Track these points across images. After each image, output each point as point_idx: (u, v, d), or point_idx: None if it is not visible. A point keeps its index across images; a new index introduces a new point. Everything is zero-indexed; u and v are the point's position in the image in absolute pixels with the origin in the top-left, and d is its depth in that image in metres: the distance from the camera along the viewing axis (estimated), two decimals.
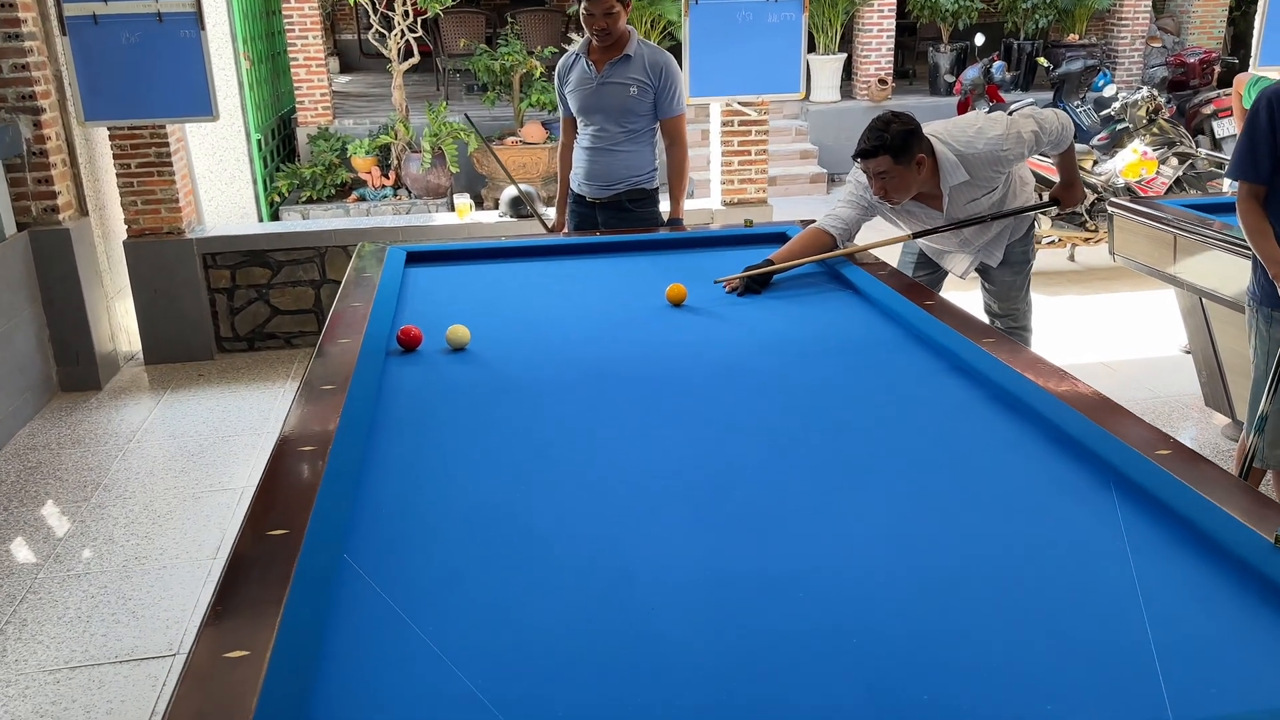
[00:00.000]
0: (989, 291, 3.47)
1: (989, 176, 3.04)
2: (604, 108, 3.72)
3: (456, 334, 2.43)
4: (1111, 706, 1.18)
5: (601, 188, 3.83)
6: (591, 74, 3.72)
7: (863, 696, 1.21)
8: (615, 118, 3.73)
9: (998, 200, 3.15)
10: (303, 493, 1.67)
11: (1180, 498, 1.59)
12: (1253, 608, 1.36)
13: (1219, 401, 3.87)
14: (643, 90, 3.69)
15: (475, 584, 1.48)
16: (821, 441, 1.93)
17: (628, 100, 3.69)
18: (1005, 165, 3.03)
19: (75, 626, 2.88)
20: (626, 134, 3.75)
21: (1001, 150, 2.98)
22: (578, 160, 3.89)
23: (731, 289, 2.88)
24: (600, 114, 3.74)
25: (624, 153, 3.78)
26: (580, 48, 3.78)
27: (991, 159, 2.98)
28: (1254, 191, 2.63)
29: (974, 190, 3.07)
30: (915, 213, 3.17)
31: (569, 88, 3.81)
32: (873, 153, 2.90)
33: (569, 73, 3.82)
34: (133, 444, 4.14)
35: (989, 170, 3.02)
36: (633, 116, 3.73)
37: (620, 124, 3.73)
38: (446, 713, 1.20)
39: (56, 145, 4.69)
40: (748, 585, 1.45)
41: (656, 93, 3.71)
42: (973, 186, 3.05)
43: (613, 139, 3.76)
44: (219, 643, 1.28)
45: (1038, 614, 1.36)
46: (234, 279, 5.15)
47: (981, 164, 2.99)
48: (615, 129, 3.74)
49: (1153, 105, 6.40)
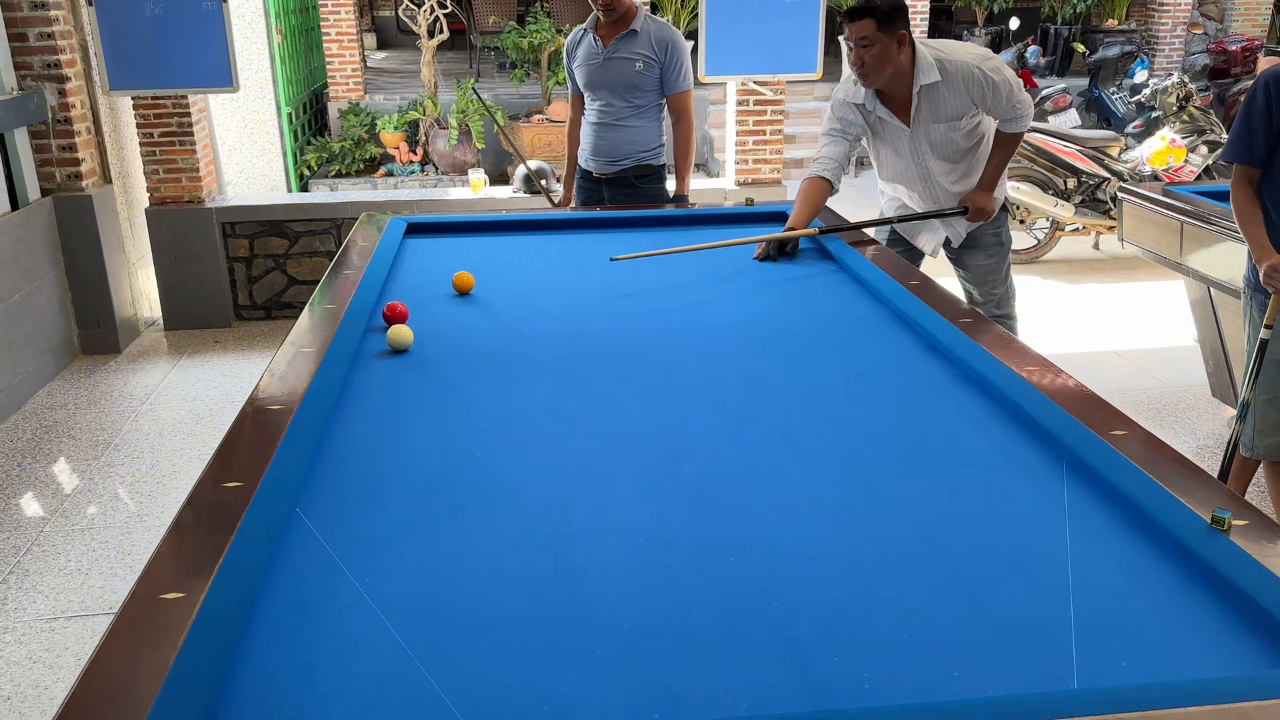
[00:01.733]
0: (966, 278, 3.52)
1: (960, 97, 3.07)
2: (610, 83, 3.74)
3: (399, 335, 2.26)
4: (1017, 674, 1.19)
5: (608, 163, 3.85)
6: (598, 49, 3.74)
7: (775, 659, 1.23)
8: (621, 93, 3.74)
9: (961, 142, 3.17)
10: (263, 448, 1.71)
11: (1126, 478, 1.59)
12: (1182, 586, 1.37)
13: (1225, 392, 3.83)
14: (649, 65, 3.69)
15: (420, 540, 1.51)
16: (783, 416, 1.94)
17: (633, 75, 3.70)
18: (977, 91, 3.05)
19: (74, 579, 2.98)
20: (633, 109, 3.76)
21: (977, 69, 3.03)
22: (585, 136, 3.91)
23: (762, 256, 2.96)
24: (606, 89, 3.76)
25: (630, 128, 3.79)
26: (589, 23, 3.81)
27: (966, 75, 3.03)
28: (1248, 174, 2.59)
29: (943, 105, 3.09)
30: (886, 132, 3.21)
31: (576, 63, 3.84)
32: (860, 14, 2.95)
33: (577, 48, 3.84)
34: (145, 406, 4.23)
35: (962, 88, 3.05)
36: (639, 92, 3.73)
37: (626, 99, 3.75)
38: (373, 660, 1.24)
39: (81, 113, 4.78)
40: (683, 550, 1.47)
41: (663, 68, 3.72)
42: (943, 100, 3.08)
43: (619, 114, 3.77)
44: (157, 584, 1.32)
45: (963, 586, 1.37)
46: (252, 248, 5.24)
47: (956, 75, 3.04)
48: (621, 104, 3.76)
49: (1183, 92, 6.29)
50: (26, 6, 4.52)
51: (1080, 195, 6.15)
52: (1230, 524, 1.42)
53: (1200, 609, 1.32)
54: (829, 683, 1.18)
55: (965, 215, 3.29)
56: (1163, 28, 10.29)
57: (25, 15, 4.53)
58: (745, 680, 1.19)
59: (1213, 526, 1.42)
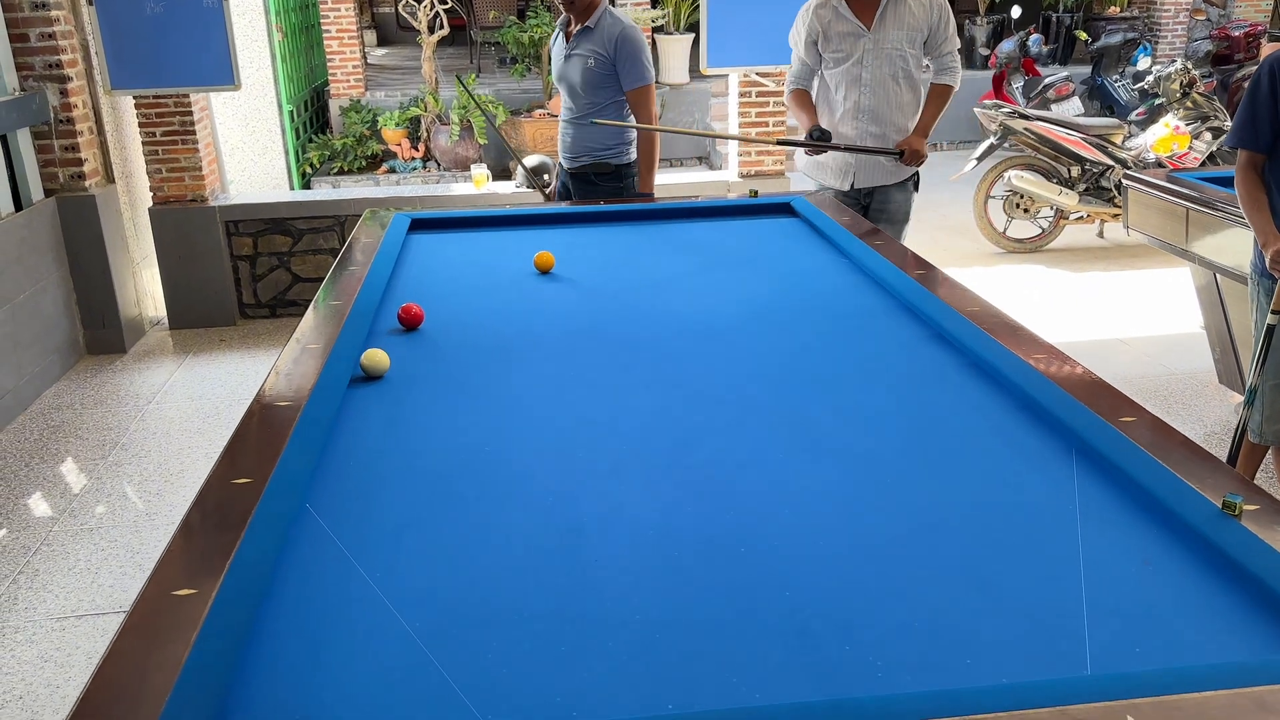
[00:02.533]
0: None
1: (922, 11, 3.41)
2: (569, 79, 3.72)
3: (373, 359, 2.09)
4: (1029, 661, 1.19)
5: (570, 159, 3.86)
6: (563, 46, 3.73)
7: (787, 648, 1.23)
8: (579, 90, 3.71)
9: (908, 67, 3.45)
10: (272, 445, 1.71)
11: (1135, 463, 1.58)
12: (1194, 572, 1.36)
13: (1232, 379, 3.82)
14: (600, 62, 3.62)
15: (430, 534, 1.51)
16: (791, 406, 1.94)
17: (586, 73, 3.65)
18: (936, 13, 3.41)
19: (84, 578, 2.98)
20: (591, 105, 3.71)
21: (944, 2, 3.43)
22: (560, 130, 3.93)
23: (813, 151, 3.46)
24: (566, 85, 3.75)
25: (585, 126, 3.74)
26: (564, 18, 3.78)
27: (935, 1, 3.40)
28: (1253, 160, 2.58)
29: (906, 15, 3.39)
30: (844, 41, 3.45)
31: (553, 59, 3.85)
32: None
33: (554, 44, 3.85)
34: (152, 405, 4.24)
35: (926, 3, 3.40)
36: (594, 90, 3.67)
37: (584, 96, 3.70)
38: (385, 654, 1.24)
39: (83, 113, 4.79)
40: (692, 541, 1.47)
41: (615, 65, 3.63)
42: (908, 11, 3.39)
43: (578, 111, 3.75)
44: (169, 581, 1.33)
45: (974, 573, 1.37)
46: (256, 246, 5.24)
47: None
48: (581, 101, 3.72)
49: (1186, 79, 6.26)
50: (27, 7, 4.52)
51: (1084, 183, 6.14)
52: (1241, 509, 1.41)
53: (1212, 594, 1.31)
54: (841, 671, 1.18)
55: (901, 158, 3.47)
56: (1165, 14, 10.24)
57: (26, 16, 4.53)
58: (757, 669, 1.18)
59: (1224, 512, 1.42)
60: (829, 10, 3.45)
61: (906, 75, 3.46)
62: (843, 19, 3.43)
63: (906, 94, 3.49)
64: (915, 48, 3.43)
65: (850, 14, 3.41)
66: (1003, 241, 6.23)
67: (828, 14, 3.46)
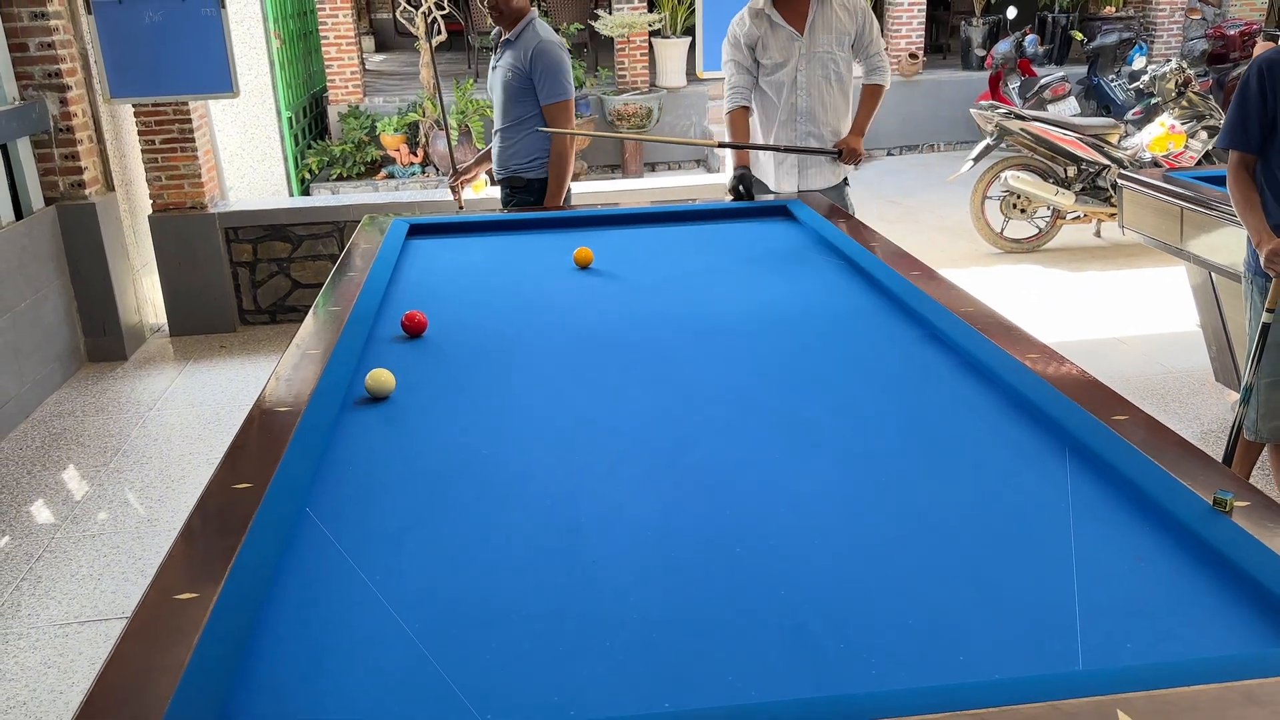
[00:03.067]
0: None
1: (849, 16, 3.57)
2: (494, 90, 3.74)
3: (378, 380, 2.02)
4: (1023, 656, 1.21)
5: (499, 169, 3.85)
6: (495, 57, 3.74)
7: (783, 645, 1.24)
8: (501, 103, 3.71)
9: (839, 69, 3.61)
10: (272, 450, 1.73)
11: (1128, 461, 1.60)
12: (1184, 568, 1.38)
13: (1228, 377, 3.83)
14: (518, 76, 3.61)
15: (430, 536, 1.53)
16: (788, 406, 1.96)
17: (507, 86, 3.65)
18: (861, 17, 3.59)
19: (87, 584, 3.00)
20: (511, 120, 3.71)
21: (866, 6, 3.60)
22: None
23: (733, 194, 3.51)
24: (493, 96, 3.77)
25: (509, 141, 3.74)
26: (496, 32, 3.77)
27: (857, 6, 3.58)
28: (1244, 160, 2.59)
29: (835, 20, 3.55)
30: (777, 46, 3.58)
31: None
32: None
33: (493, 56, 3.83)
34: (153, 412, 4.26)
35: (851, 8, 3.57)
36: (514, 103, 3.66)
37: (505, 109, 3.70)
38: (386, 655, 1.25)
39: (83, 122, 4.81)
40: (690, 540, 1.49)
41: (532, 78, 3.62)
42: (835, 16, 3.55)
43: (501, 123, 3.75)
44: (171, 586, 1.34)
45: (968, 571, 1.39)
46: (255, 253, 5.26)
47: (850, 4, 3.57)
48: (503, 114, 3.72)
49: (1182, 78, 6.28)
50: (27, 17, 4.54)
51: (1081, 183, 6.15)
52: (1232, 505, 1.43)
53: (1203, 590, 1.33)
54: (837, 667, 1.19)
55: (840, 157, 3.62)
56: (1160, 13, 10.27)
57: (25, 25, 4.55)
58: (754, 667, 1.20)
59: (1215, 508, 1.43)
60: (763, 20, 3.59)
61: (838, 77, 3.62)
62: (777, 27, 3.58)
63: (839, 96, 3.65)
64: (844, 50, 3.61)
65: (783, 21, 3.56)
66: (1000, 242, 6.25)
67: (762, 23, 3.60)
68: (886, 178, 8.52)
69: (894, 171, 8.85)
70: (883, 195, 7.84)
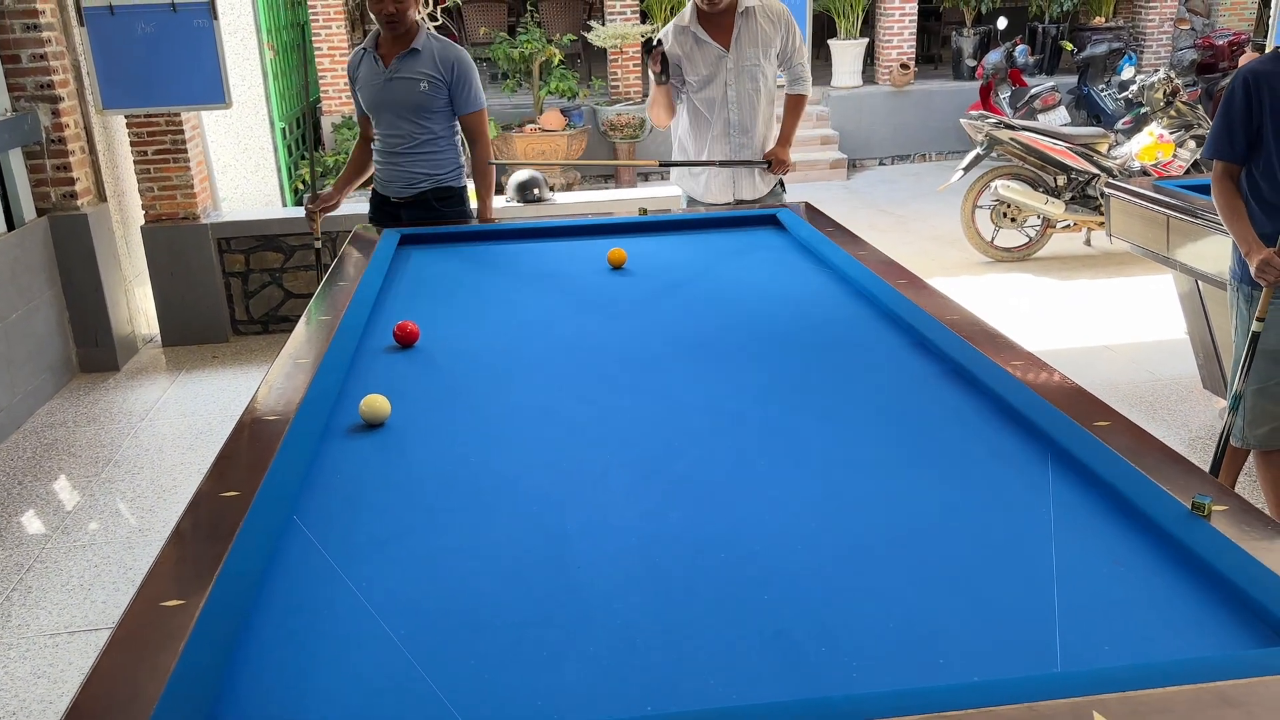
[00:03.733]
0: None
1: (774, 28, 3.63)
2: (394, 105, 3.53)
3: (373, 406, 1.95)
4: (1002, 659, 1.22)
5: (406, 187, 3.65)
6: (379, 69, 3.53)
7: (765, 649, 1.25)
8: (408, 116, 3.54)
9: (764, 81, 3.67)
10: (260, 458, 1.74)
11: (1109, 466, 1.61)
12: (1163, 571, 1.39)
13: (1215, 384, 3.86)
14: (434, 86, 3.50)
15: (414, 543, 1.53)
16: (772, 414, 1.97)
17: (419, 97, 3.50)
18: (784, 28, 3.64)
19: (77, 594, 3.00)
20: (425, 133, 3.57)
21: (786, 11, 3.67)
22: (378, 161, 3.70)
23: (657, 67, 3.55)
24: (390, 112, 3.55)
25: (423, 154, 3.60)
26: (369, 42, 3.59)
27: (779, 11, 3.65)
28: (1229, 170, 2.62)
29: (760, 33, 3.60)
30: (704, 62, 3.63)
31: (359, 85, 3.62)
32: None
33: (358, 69, 3.62)
34: (145, 422, 4.26)
35: (776, 21, 3.63)
36: (427, 114, 3.54)
37: (416, 122, 3.55)
38: (372, 662, 1.26)
39: (75, 133, 4.82)
40: (675, 546, 1.50)
41: (451, 89, 3.54)
42: (760, 30, 3.60)
43: (410, 139, 3.57)
44: (158, 593, 1.35)
45: (950, 575, 1.40)
46: (248, 263, 5.27)
47: (772, 8, 3.63)
48: (411, 127, 3.56)
49: (1170, 88, 6.33)
50: (19, 28, 4.56)
51: (1070, 192, 6.19)
52: (1210, 509, 1.44)
53: (1181, 593, 1.34)
54: (819, 671, 1.20)
55: (769, 167, 3.74)
56: (1150, 24, 10.34)
57: (18, 37, 4.57)
58: (736, 671, 1.21)
59: (1193, 512, 1.45)
60: (688, 36, 3.63)
61: (765, 89, 3.70)
62: (703, 43, 3.62)
63: (767, 107, 3.73)
64: (770, 61, 3.67)
65: (708, 38, 3.61)
66: (990, 250, 6.28)
67: (687, 40, 3.63)
68: (878, 187, 8.56)
69: (885, 181, 8.89)
70: (874, 204, 7.87)
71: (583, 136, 8.62)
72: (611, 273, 2.96)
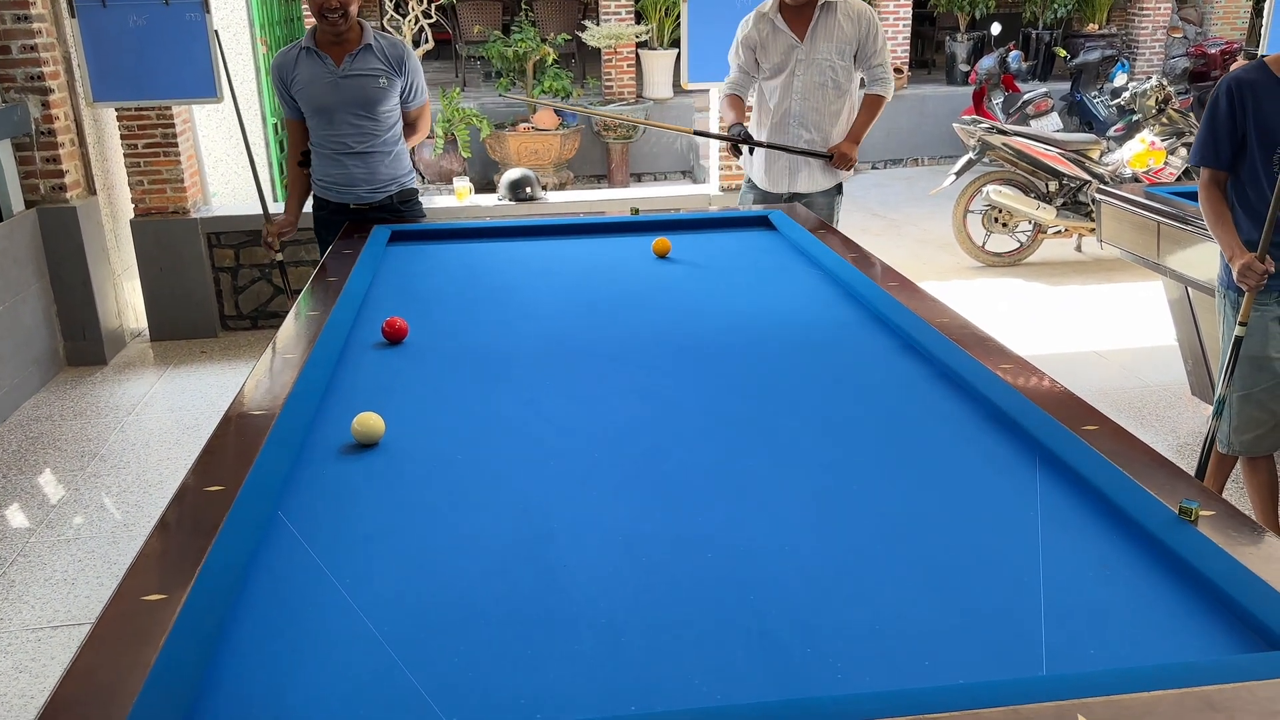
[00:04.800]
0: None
1: (852, 27, 3.62)
2: (349, 103, 3.43)
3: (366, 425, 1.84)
4: (988, 661, 1.22)
5: (369, 191, 3.56)
6: (328, 68, 3.41)
7: (749, 650, 1.25)
8: (364, 113, 3.45)
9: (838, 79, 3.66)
10: (245, 453, 1.73)
11: (1097, 471, 1.61)
12: (1149, 576, 1.39)
13: (1204, 391, 3.87)
14: (390, 81, 3.46)
15: (400, 540, 1.53)
16: (761, 415, 1.97)
17: (376, 92, 3.43)
18: (865, 27, 3.63)
19: (61, 588, 2.98)
20: (385, 130, 3.51)
21: (870, 10, 3.65)
22: (328, 167, 3.55)
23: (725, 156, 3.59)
24: (345, 111, 3.44)
25: (385, 153, 3.54)
26: (307, 41, 3.44)
27: (860, 10, 3.63)
28: (1215, 178, 2.63)
29: (837, 29, 3.61)
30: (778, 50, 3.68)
31: (297, 86, 3.46)
32: None
33: (294, 69, 3.46)
34: (132, 417, 4.23)
35: (855, 19, 3.62)
36: (383, 111, 3.48)
37: (374, 119, 3.47)
38: (354, 659, 1.25)
39: (65, 125, 4.79)
40: (659, 545, 1.49)
41: (403, 82, 3.50)
42: (838, 25, 3.62)
43: (369, 138, 3.48)
44: (140, 586, 1.34)
45: (936, 577, 1.40)
46: (238, 258, 5.24)
47: (852, 7, 3.63)
48: (370, 125, 3.47)
49: (1162, 95, 6.35)
50: (10, 19, 4.53)
51: (1062, 198, 6.20)
52: (1198, 514, 1.44)
53: (1168, 597, 1.34)
54: (803, 672, 1.20)
55: (831, 160, 3.74)
56: (1143, 31, 10.38)
57: (8, 28, 4.54)
58: (720, 671, 1.21)
59: (1180, 517, 1.45)
60: (766, 23, 3.70)
61: (836, 85, 3.68)
62: (779, 31, 3.68)
63: (835, 103, 3.71)
64: (845, 59, 3.66)
65: (785, 26, 3.66)
66: (981, 255, 6.29)
67: (765, 27, 3.71)
68: (871, 191, 8.57)
69: (878, 185, 8.90)
70: (866, 208, 7.88)
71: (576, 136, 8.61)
72: (603, 272, 2.96)
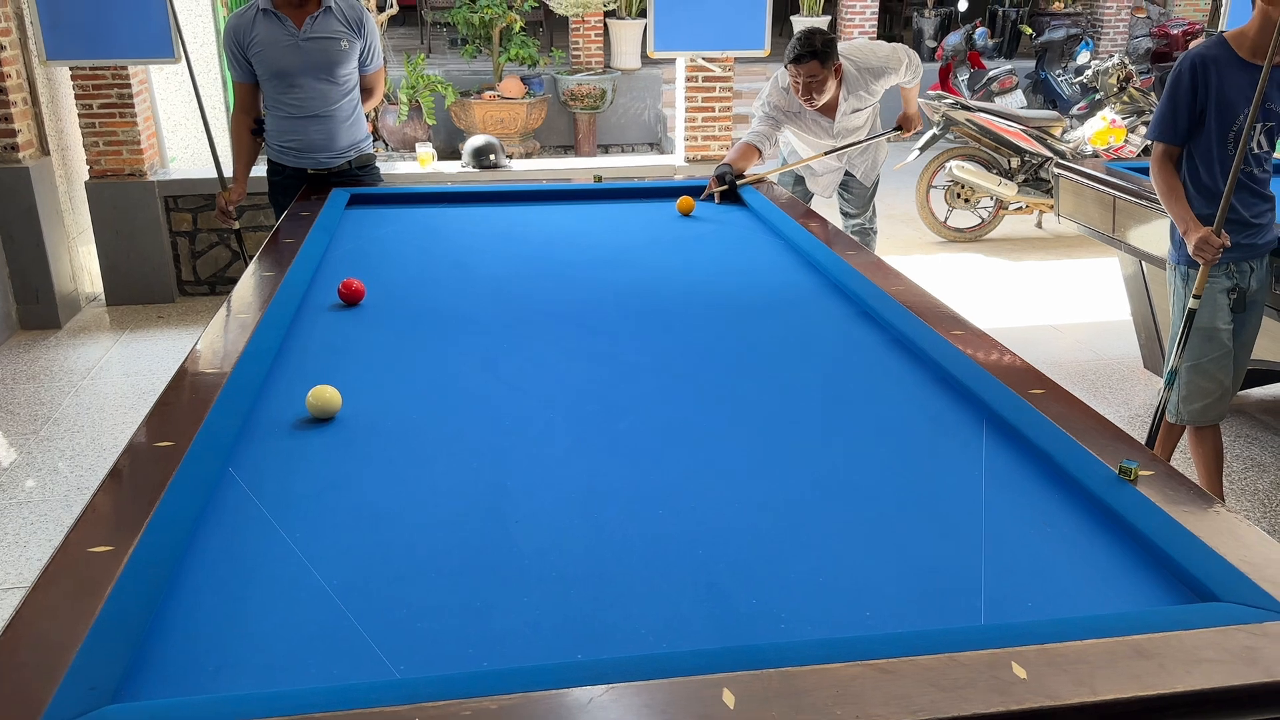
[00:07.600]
0: (847, 199, 4.28)
1: (873, 83, 3.77)
2: (311, 66, 3.36)
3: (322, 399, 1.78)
4: (928, 613, 1.24)
5: (329, 157, 3.53)
6: (288, 30, 3.33)
7: (696, 601, 1.26)
8: (326, 76, 3.40)
9: (868, 117, 3.94)
10: (196, 410, 1.72)
11: (1041, 432, 1.64)
12: (1089, 532, 1.43)
13: (1156, 364, 3.94)
14: (350, 44, 3.41)
15: (351, 495, 1.53)
16: (716, 378, 1.98)
17: (338, 55, 3.38)
18: (882, 79, 3.77)
19: (12, 551, 2.94)
20: (343, 93, 3.47)
21: (887, 66, 3.76)
22: (285, 131, 3.48)
23: (707, 196, 3.37)
24: (308, 75, 3.38)
25: (344, 117, 3.50)
26: (263, 1, 3.34)
27: (878, 70, 3.76)
28: (1169, 152, 2.66)
29: (859, 100, 3.79)
30: (811, 120, 3.86)
31: (255, 49, 3.36)
32: (806, 58, 3.54)
33: (252, 31, 3.35)
34: (87, 381, 4.18)
35: (874, 80, 3.76)
36: (343, 74, 3.43)
37: (333, 82, 3.42)
38: (303, 610, 1.26)
39: (17, 84, 4.68)
40: (611, 501, 1.50)
41: (361, 45, 3.46)
42: (859, 97, 3.78)
43: (329, 101, 3.44)
44: (86, 538, 1.33)
45: (880, 533, 1.42)
46: (196, 222, 5.17)
47: (870, 76, 3.75)
48: (329, 88, 3.42)
49: (1124, 73, 6.41)
50: None
51: (1023, 174, 6.26)
52: (1137, 474, 1.48)
53: (1106, 553, 1.38)
54: (748, 622, 1.22)
55: (902, 131, 4.03)
56: (1108, 11, 10.45)
57: None
58: (667, 621, 1.22)
59: (1120, 476, 1.48)
60: (793, 99, 3.77)
61: (869, 126, 3.98)
62: (809, 114, 3.83)
63: (868, 130, 4.01)
64: (871, 107, 3.90)
65: (815, 112, 3.81)
66: (943, 230, 6.34)
67: (794, 102, 3.78)
68: None
69: None
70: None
71: (543, 105, 8.54)
72: (565, 239, 2.95)
